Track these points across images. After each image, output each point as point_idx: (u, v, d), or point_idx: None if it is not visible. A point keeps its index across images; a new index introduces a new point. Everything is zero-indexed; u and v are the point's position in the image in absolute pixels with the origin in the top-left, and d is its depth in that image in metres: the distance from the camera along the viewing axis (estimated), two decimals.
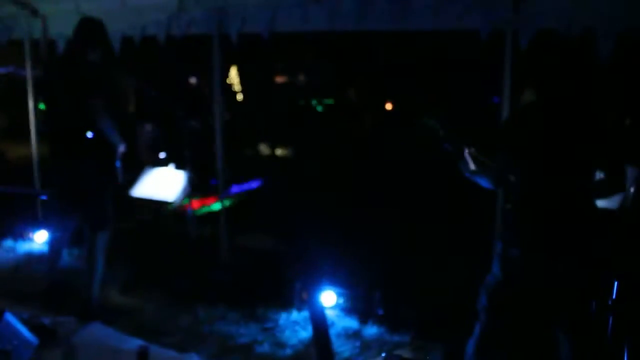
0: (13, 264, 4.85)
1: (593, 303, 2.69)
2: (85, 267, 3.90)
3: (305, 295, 3.89)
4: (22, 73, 5.82)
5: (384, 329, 3.67)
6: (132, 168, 4.41)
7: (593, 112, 2.49)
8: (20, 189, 5.95)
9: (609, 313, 2.75)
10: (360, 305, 3.85)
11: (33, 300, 3.94)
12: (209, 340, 3.58)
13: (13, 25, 5.37)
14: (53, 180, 4.02)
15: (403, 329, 3.62)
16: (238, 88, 13.85)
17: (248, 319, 3.83)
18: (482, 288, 2.72)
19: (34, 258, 4.90)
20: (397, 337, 3.58)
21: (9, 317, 2.96)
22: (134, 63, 6.02)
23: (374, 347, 3.50)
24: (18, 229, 5.34)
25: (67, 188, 3.89)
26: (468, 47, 5.66)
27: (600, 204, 2.69)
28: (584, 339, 2.59)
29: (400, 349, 3.40)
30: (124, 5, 4.66)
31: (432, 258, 4.69)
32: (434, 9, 3.65)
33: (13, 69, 10.99)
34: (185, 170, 4.37)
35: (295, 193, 6.81)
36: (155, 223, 5.60)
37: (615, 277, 2.74)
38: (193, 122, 4.28)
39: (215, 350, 3.47)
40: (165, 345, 3.40)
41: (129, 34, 4.76)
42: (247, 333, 3.66)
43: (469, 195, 3.98)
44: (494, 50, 3.67)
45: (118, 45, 4.80)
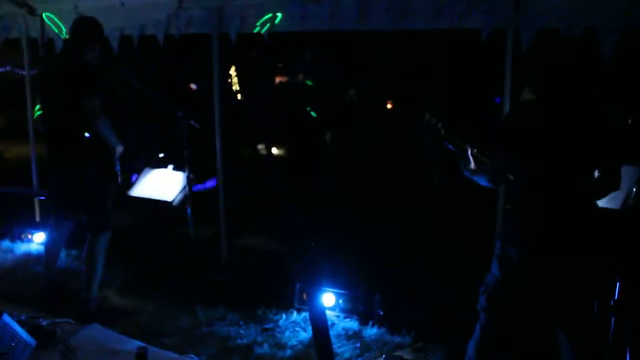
0: (11, 265, 4.83)
1: (595, 304, 2.68)
2: (85, 268, 3.88)
3: (305, 296, 3.87)
4: (19, 72, 5.80)
5: (385, 330, 3.66)
6: (130, 168, 4.39)
7: (594, 111, 2.47)
8: (18, 190, 5.92)
9: (611, 314, 2.73)
10: (361, 306, 3.83)
11: (31, 302, 3.93)
12: (209, 342, 3.57)
13: (11, 24, 5.35)
14: (51, 181, 3.99)
15: (404, 330, 3.61)
16: (237, 87, 13.83)
17: (248, 320, 3.82)
18: (481, 288, 2.71)
19: (32, 259, 4.87)
20: (397, 338, 3.57)
21: (7, 318, 2.94)
22: (133, 62, 5.99)
23: (375, 348, 3.48)
24: (16, 230, 5.31)
25: (65, 189, 3.87)
26: (469, 46, 5.65)
27: (602, 204, 2.68)
28: (586, 341, 2.57)
29: (401, 350, 3.39)
30: (123, 5, 4.64)
31: (432, 259, 4.68)
32: (435, 8, 3.64)
33: (10, 68, 10.97)
34: (184, 171, 4.34)
35: (296, 193, 6.80)
36: (155, 223, 5.57)
37: (618, 277, 2.73)
38: (192, 121, 4.25)
39: (215, 352, 3.45)
40: (165, 347, 3.38)
41: (128, 33, 4.74)
42: (246, 334, 3.64)
43: (470, 196, 3.98)
44: (496, 50, 3.66)
45: (116, 45, 4.78)
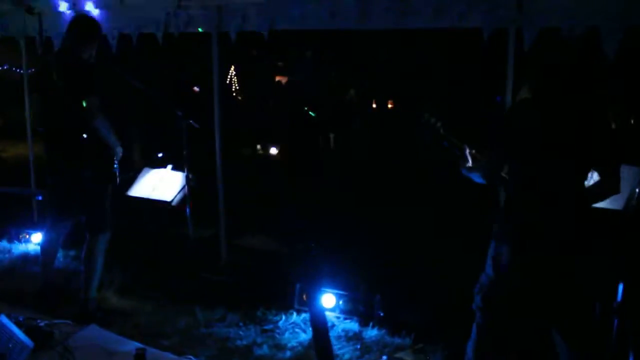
0: (8, 266, 4.80)
1: (596, 305, 2.66)
2: (83, 268, 3.86)
3: (306, 297, 3.85)
4: (17, 71, 5.79)
5: (385, 332, 3.63)
6: (129, 169, 4.37)
7: (594, 111, 2.45)
8: (16, 189, 5.90)
9: (614, 316, 2.71)
10: (361, 308, 3.82)
11: (29, 303, 3.90)
12: (208, 343, 3.55)
13: (8, 23, 5.32)
14: (49, 181, 3.97)
15: (404, 332, 3.58)
16: (237, 87, 13.83)
17: (247, 321, 3.79)
18: (475, 288, 2.70)
19: (30, 259, 4.85)
20: (397, 339, 3.55)
21: (4, 319, 2.92)
22: (132, 61, 5.97)
23: (375, 349, 3.47)
24: (13, 230, 5.28)
25: (63, 189, 3.84)
26: (469, 46, 5.64)
27: (604, 205, 2.66)
28: (582, 341, 2.52)
29: (401, 352, 3.39)
30: (122, 3, 4.61)
31: (432, 259, 4.66)
32: (435, 8, 3.62)
33: (7, 67, 10.97)
34: (183, 171, 4.32)
35: (295, 194, 6.78)
36: (154, 223, 5.55)
37: (621, 279, 2.71)
38: (192, 121, 4.23)
39: (214, 353, 3.43)
40: (163, 348, 3.38)
41: (127, 32, 4.71)
42: (246, 335, 3.62)
43: (470, 195, 3.96)
44: (497, 49, 3.64)
45: (115, 43, 4.76)
